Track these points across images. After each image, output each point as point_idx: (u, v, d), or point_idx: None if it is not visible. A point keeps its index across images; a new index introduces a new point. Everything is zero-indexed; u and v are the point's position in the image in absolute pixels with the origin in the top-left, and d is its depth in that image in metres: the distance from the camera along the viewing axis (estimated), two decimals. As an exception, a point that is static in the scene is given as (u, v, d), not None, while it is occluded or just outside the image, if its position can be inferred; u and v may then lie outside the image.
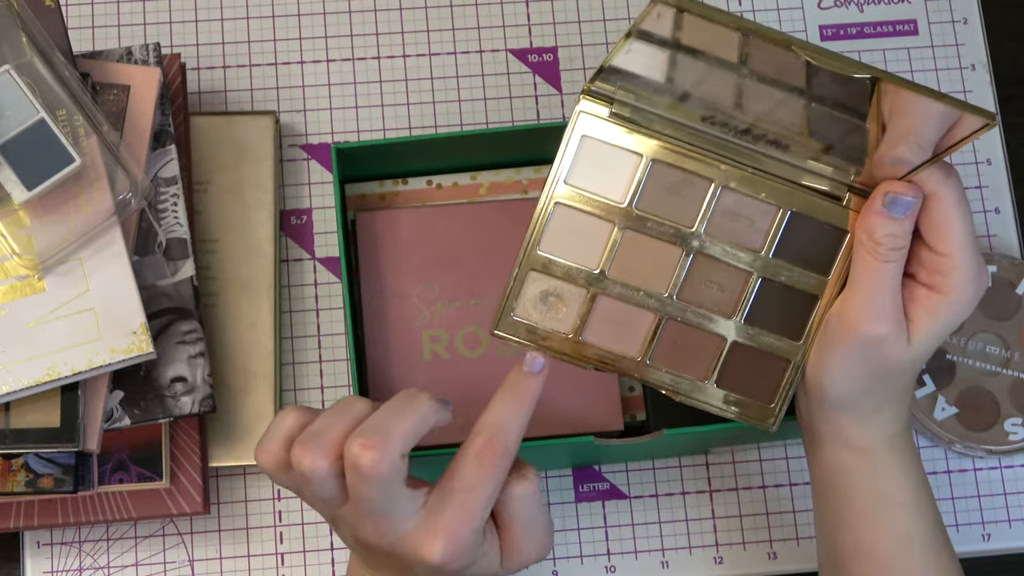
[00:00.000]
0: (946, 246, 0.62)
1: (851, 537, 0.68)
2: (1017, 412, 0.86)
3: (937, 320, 0.64)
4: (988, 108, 0.93)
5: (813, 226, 0.67)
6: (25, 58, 0.77)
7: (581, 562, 0.86)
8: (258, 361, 0.85)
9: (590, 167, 0.67)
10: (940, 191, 0.62)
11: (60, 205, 0.76)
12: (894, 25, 0.96)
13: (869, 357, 0.64)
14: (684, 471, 0.87)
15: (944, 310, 0.63)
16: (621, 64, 0.64)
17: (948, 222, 0.62)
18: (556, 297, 0.67)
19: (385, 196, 0.85)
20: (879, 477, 0.67)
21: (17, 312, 0.76)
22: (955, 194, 0.62)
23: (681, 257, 0.68)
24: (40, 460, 0.77)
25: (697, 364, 0.68)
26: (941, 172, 0.62)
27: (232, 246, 0.87)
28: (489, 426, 0.62)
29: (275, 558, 0.85)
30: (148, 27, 0.93)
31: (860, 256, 0.64)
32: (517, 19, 0.95)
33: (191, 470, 0.81)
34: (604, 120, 0.67)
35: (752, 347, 0.68)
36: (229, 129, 0.89)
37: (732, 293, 0.68)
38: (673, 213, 0.67)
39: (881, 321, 0.63)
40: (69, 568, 0.84)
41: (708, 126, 0.66)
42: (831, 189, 0.67)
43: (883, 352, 0.64)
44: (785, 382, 0.68)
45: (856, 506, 0.68)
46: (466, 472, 0.62)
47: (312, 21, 0.94)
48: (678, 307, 0.68)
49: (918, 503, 0.68)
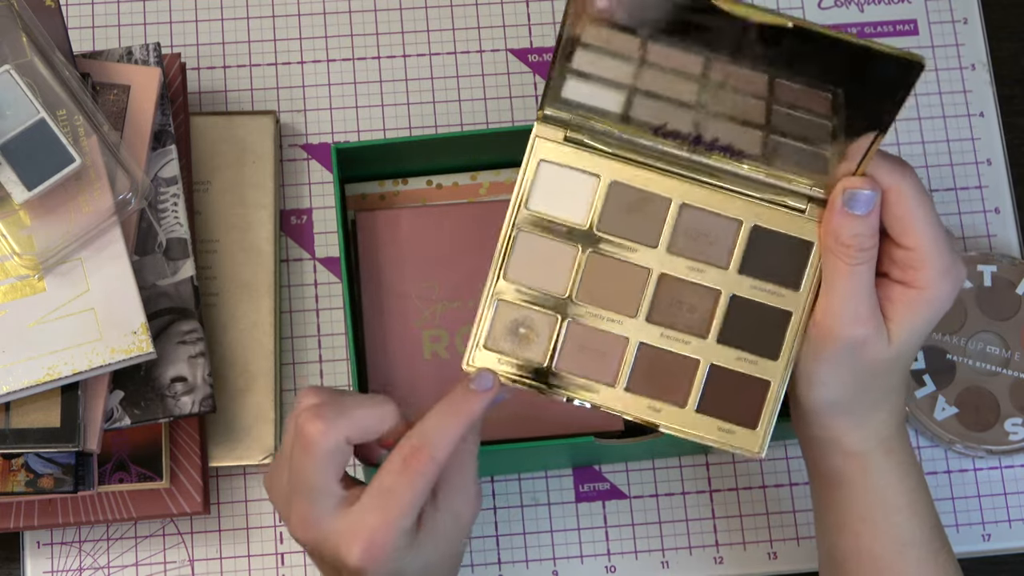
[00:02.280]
0: (912, 239, 0.62)
1: (850, 541, 0.68)
2: (1017, 412, 0.86)
3: (915, 316, 0.63)
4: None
5: (778, 240, 0.66)
6: (25, 58, 0.77)
7: (581, 562, 0.86)
8: (258, 361, 0.85)
9: (550, 192, 0.66)
10: (897, 184, 0.62)
11: (60, 205, 0.76)
12: (894, 25, 0.96)
13: (853, 360, 0.64)
14: (684, 471, 0.87)
15: (921, 305, 0.63)
16: (562, 91, 0.63)
17: (910, 214, 0.62)
18: (527, 327, 0.66)
19: (385, 196, 0.85)
20: (876, 481, 0.67)
21: (17, 312, 0.76)
22: (913, 186, 0.62)
23: (648, 278, 0.66)
24: (40, 460, 0.77)
25: (675, 389, 0.66)
26: (895, 165, 0.62)
27: (232, 246, 0.87)
28: (420, 435, 0.61)
29: (275, 558, 0.85)
30: (148, 27, 0.93)
31: (830, 261, 0.64)
32: (517, 19, 0.95)
33: (191, 470, 0.81)
34: (560, 144, 0.66)
35: (730, 370, 0.66)
36: (229, 129, 0.89)
37: (704, 313, 0.66)
38: (636, 233, 0.66)
39: (859, 324, 0.63)
40: (69, 568, 0.84)
41: (662, 140, 0.65)
42: (791, 200, 0.66)
43: (866, 354, 0.63)
44: (767, 405, 0.66)
45: (854, 510, 0.68)
46: (389, 477, 0.60)
47: (312, 21, 0.94)
48: (650, 331, 0.66)
49: (915, 506, 0.68)
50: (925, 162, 0.93)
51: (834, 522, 0.69)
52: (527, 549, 0.86)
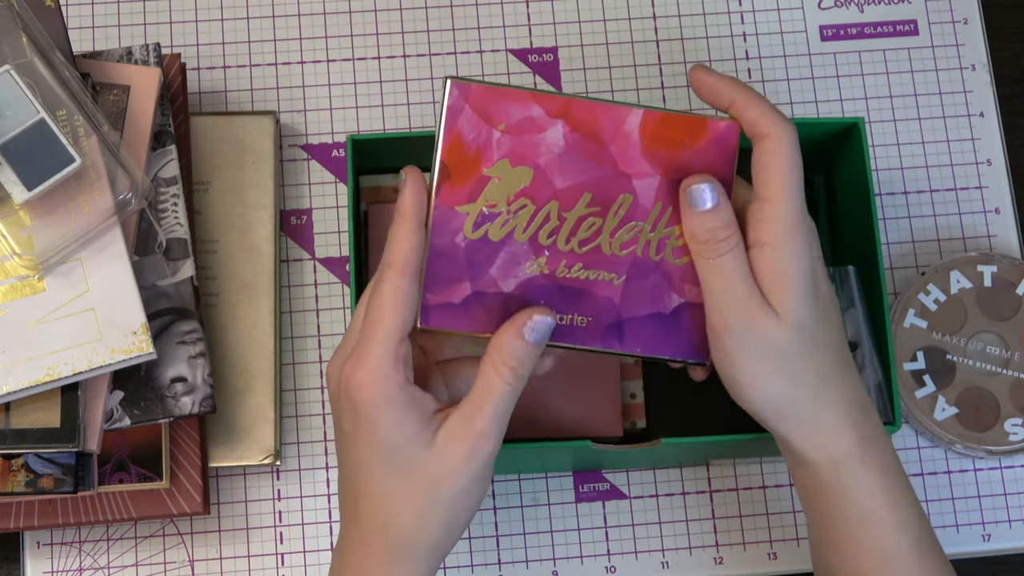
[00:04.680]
0: (771, 189, 0.63)
1: (836, 556, 0.67)
2: (1017, 412, 0.86)
3: (783, 280, 0.63)
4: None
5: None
6: (25, 58, 0.77)
7: (581, 562, 0.86)
8: (258, 361, 0.85)
9: None
10: (775, 131, 0.63)
11: (60, 205, 0.76)
12: (894, 25, 0.96)
13: (758, 348, 0.63)
14: (684, 472, 0.87)
15: (782, 265, 0.63)
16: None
17: (776, 162, 0.63)
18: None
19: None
20: (852, 494, 0.66)
21: (17, 312, 0.76)
22: (787, 142, 0.63)
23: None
24: (40, 460, 0.77)
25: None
26: (779, 118, 0.63)
27: (232, 246, 0.87)
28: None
29: (275, 558, 0.85)
30: (148, 27, 0.93)
31: (699, 263, 0.64)
32: (517, 19, 0.95)
33: (191, 470, 0.81)
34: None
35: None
36: (229, 129, 0.89)
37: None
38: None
39: (739, 310, 0.62)
40: (69, 568, 0.84)
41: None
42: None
43: (763, 335, 0.63)
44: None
45: (836, 525, 0.67)
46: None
47: (312, 21, 0.94)
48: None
49: (898, 517, 0.66)
50: (925, 162, 0.93)
51: (819, 537, 0.68)
52: (527, 549, 0.86)
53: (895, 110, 0.94)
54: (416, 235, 0.62)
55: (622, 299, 0.65)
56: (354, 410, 0.62)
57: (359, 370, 0.61)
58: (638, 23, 0.95)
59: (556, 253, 0.64)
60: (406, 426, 0.61)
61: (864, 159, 0.78)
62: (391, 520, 0.62)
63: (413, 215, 0.62)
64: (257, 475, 0.86)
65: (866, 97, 0.94)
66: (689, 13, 0.95)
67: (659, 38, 0.95)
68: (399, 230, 0.62)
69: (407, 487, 0.62)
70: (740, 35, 0.95)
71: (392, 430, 0.61)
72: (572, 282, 0.64)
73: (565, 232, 0.64)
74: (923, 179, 0.92)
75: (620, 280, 0.65)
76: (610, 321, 0.65)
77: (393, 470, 0.62)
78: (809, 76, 0.94)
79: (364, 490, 0.63)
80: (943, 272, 0.88)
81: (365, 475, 0.63)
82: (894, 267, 0.91)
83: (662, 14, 0.95)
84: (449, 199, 0.63)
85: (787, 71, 0.94)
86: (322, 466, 0.86)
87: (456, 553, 0.85)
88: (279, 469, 0.86)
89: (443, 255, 0.63)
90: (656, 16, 0.95)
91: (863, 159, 0.79)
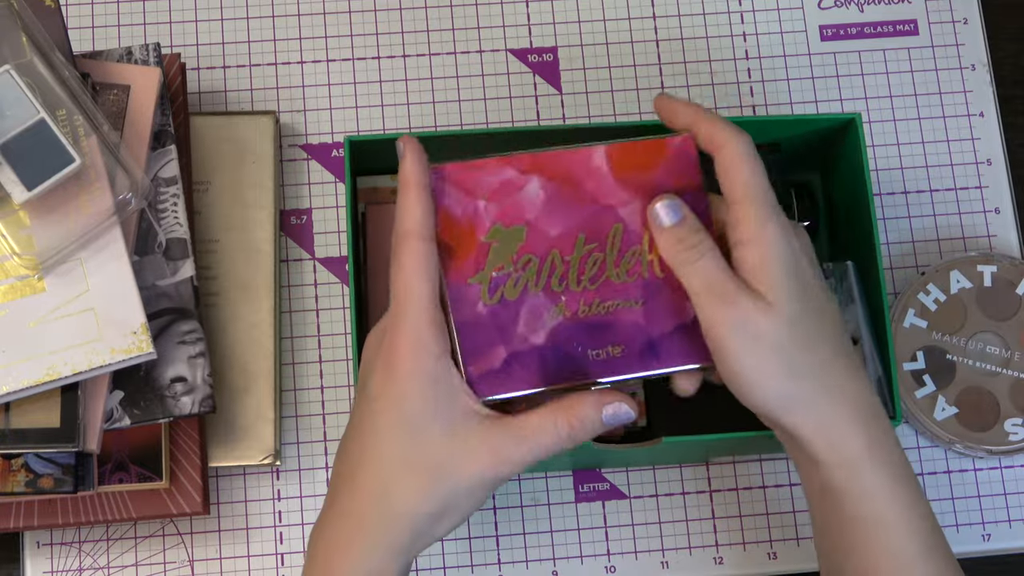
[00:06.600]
0: (737, 191, 0.64)
1: (845, 559, 0.67)
2: (1017, 412, 0.86)
3: (764, 270, 0.64)
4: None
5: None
6: (25, 58, 0.77)
7: (581, 562, 0.86)
8: (258, 361, 0.85)
9: None
10: (730, 141, 0.65)
11: (60, 205, 0.76)
12: (894, 25, 0.96)
13: (754, 342, 0.63)
14: (684, 471, 0.87)
15: (759, 257, 0.64)
16: None
17: (736, 166, 0.65)
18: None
19: (395, 191, 0.85)
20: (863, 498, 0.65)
21: (17, 312, 0.76)
22: (742, 145, 0.65)
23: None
24: (40, 460, 0.77)
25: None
26: (733, 128, 0.66)
27: (232, 246, 0.87)
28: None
29: (275, 558, 0.85)
30: (148, 27, 0.93)
31: (680, 273, 0.65)
32: (517, 19, 0.95)
33: (191, 470, 0.81)
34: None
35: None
36: (229, 129, 0.89)
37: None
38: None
39: (729, 303, 0.63)
40: (69, 568, 0.84)
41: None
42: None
43: (757, 328, 0.63)
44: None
45: (845, 528, 0.66)
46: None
47: (312, 21, 0.94)
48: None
49: (909, 521, 0.66)
50: (925, 162, 0.93)
51: (827, 539, 0.68)
52: (527, 549, 0.86)
53: (895, 110, 0.94)
54: (424, 199, 0.64)
55: (647, 320, 0.66)
56: (388, 374, 0.63)
57: (399, 338, 0.63)
58: (638, 23, 0.95)
59: (572, 295, 0.66)
60: (435, 402, 0.63)
61: (862, 155, 0.78)
62: (392, 489, 0.63)
63: (417, 181, 0.64)
64: (257, 475, 0.86)
65: (866, 97, 0.94)
66: (689, 13, 0.95)
67: (659, 38, 0.95)
68: (406, 199, 0.64)
69: (418, 461, 0.63)
70: (740, 35, 0.95)
71: (418, 403, 0.63)
72: (595, 318, 0.66)
73: (573, 274, 0.66)
74: (923, 179, 0.92)
75: (639, 304, 0.66)
76: (642, 343, 0.66)
77: (410, 442, 0.63)
78: (809, 76, 0.94)
79: (371, 456, 0.64)
80: (943, 272, 0.88)
81: (379, 439, 0.64)
82: (894, 267, 0.91)
83: (662, 14, 0.95)
84: (459, 275, 0.65)
85: (787, 71, 0.94)
86: (322, 466, 0.86)
87: (456, 553, 0.85)
88: (279, 469, 0.86)
89: (470, 326, 0.65)
90: (656, 16, 0.95)
91: (861, 156, 0.79)
